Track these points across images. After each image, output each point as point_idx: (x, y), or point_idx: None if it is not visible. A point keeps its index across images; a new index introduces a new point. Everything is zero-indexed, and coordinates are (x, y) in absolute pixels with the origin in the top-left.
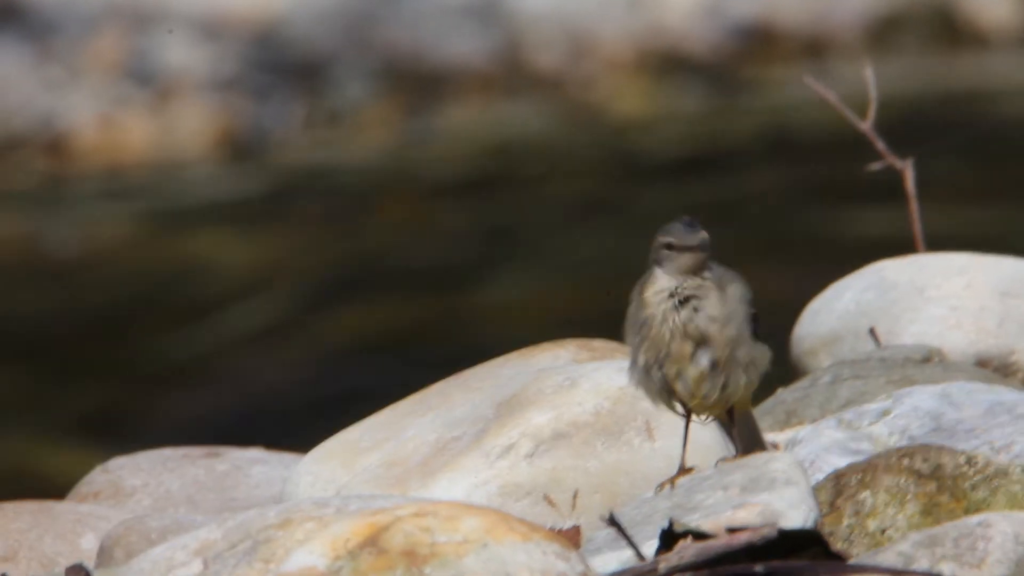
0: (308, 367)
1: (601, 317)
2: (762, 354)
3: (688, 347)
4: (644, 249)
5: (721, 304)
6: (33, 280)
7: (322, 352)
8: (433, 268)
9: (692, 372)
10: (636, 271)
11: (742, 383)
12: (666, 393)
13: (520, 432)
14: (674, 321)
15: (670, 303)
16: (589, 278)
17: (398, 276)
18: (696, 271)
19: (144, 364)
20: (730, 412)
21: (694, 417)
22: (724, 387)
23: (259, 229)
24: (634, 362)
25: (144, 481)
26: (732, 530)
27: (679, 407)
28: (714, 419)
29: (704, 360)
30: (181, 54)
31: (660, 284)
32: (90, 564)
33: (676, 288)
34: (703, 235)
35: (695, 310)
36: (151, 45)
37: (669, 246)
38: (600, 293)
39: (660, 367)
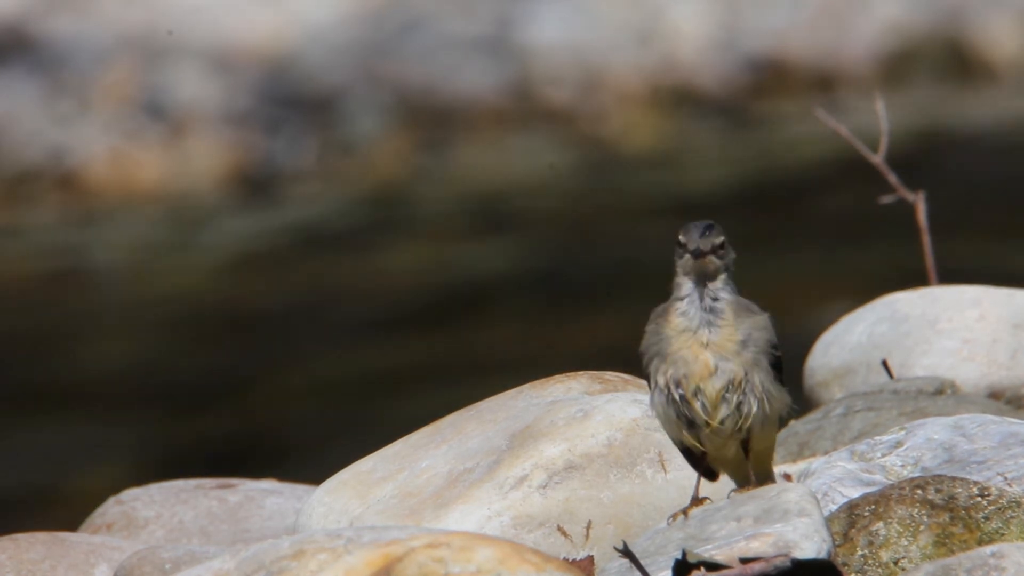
0: (321, 398)
1: (613, 349)
2: (780, 395)
3: (709, 364)
4: (654, 282)
5: (737, 323)
6: (47, 311)
7: (336, 383)
8: (446, 301)
9: (710, 388)
10: (647, 304)
11: (754, 411)
12: (684, 421)
13: (533, 464)
14: (695, 335)
15: (690, 321)
16: (601, 311)
17: (411, 309)
18: (708, 277)
19: (156, 395)
20: (745, 446)
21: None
22: (739, 408)
23: (271, 262)
24: (656, 385)
25: (157, 512)
26: (746, 560)
27: (693, 440)
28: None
29: (722, 378)
30: (193, 88)
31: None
32: None
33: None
34: (716, 240)
35: (712, 325)
36: (163, 79)
37: (681, 245)
38: (612, 327)
39: (678, 386)
